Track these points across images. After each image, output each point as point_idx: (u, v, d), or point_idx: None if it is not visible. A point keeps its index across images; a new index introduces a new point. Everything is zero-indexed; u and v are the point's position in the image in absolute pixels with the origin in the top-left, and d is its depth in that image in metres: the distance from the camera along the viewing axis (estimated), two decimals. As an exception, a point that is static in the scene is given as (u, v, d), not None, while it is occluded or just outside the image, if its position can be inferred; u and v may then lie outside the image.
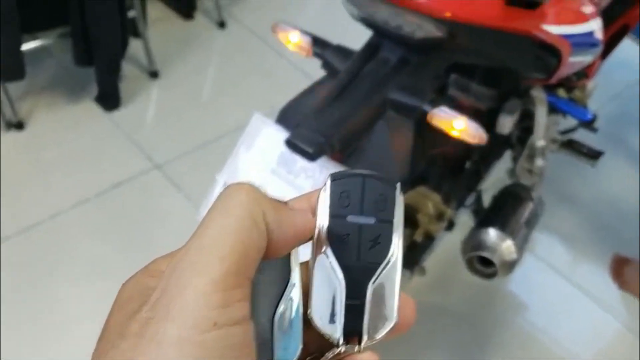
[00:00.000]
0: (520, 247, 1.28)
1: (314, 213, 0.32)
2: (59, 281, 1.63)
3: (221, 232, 0.27)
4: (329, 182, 0.32)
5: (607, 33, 1.76)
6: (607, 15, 1.70)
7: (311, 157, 0.89)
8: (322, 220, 0.32)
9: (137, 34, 2.16)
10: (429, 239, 1.39)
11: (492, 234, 1.26)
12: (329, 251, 0.31)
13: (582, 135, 1.69)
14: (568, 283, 1.77)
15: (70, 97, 2.11)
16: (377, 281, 0.31)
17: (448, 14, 0.86)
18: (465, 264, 1.32)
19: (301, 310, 0.31)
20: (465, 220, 1.62)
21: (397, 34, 0.94)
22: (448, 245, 1.53)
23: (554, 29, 1.00)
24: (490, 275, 1.28)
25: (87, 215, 1.79)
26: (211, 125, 2.07)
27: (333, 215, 0.32)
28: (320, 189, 0.32)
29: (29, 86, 2.07)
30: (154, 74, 2.19)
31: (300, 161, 0.94)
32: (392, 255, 0.31)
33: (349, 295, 0.31)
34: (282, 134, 0.94)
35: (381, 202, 0.32)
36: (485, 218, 1.35)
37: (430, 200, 1.34)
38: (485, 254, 1.25)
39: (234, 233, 0.27)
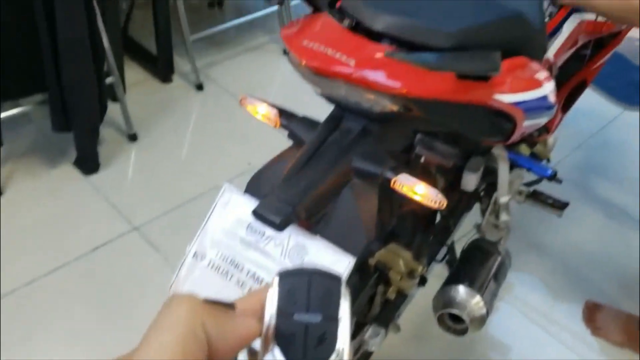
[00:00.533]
0: (489, 302, 1.31)
1: (262, 312, 0.33)
2: (35, 349, 1.62)
3: (161, 350, 0.29)
4: (276, 280, 0.33)
5: (567, 88, 1.85)
6: (565, 72, 1.80)
7: (278, 227, 0.93)
8: (270, 318, 0.33)
9: (115, 98, 2.22)
10: (402, 296, 1.42)
11: (461, 291, 1.29)
12: (276, 350, 0.32)
13: (549, 185, 1.75)
14: (542, 330, 1.80)
15: (49, 162, 2.14)
16: None
17: (402, 91, 0.92)
18: (436, 321, 1.34)
19: None
20: (439, 271, 1.65)
21: (357, 109, 1.00)
22: (422, 297, 1.56)
23: (507, 98, 1.06)
24: (462, 332, 1.31)
25: (65, 281, 1.80)
26: (189, 185, 2.11)
27: (280, 314, 0.33)
28: (268, 287, 0.35)
29: (8, 152, 2.11)
30: (132, 137, 2.24)
31: (268, 230, 0.98)
32: (337, 353, 0.32)
33: None
34: (250, 204, 0.97)
35: (327, 297, 0.33)
36: (454, 274, 1.39)
37: (401, 258, 1.37)
38: (455, 312, 1.28)
39: (173, 349, 0.29)
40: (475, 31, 1.01)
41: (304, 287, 0.34)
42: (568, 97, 1.87)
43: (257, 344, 0.35)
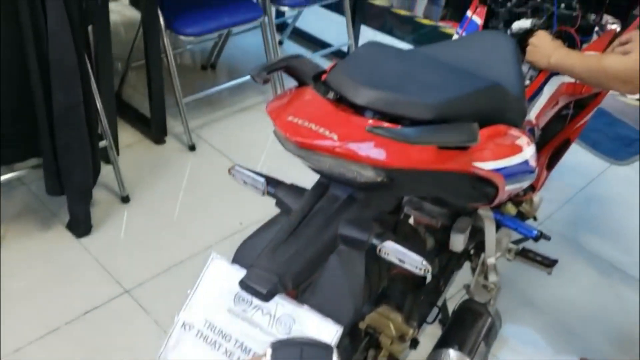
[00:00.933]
0: (480, 365, 1.31)
1: None
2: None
3: None
4: (269, 352, 0.36)
5: (551, 147, 1.89)
6: (549, 131, 1.84)
7: (265, 297, 0.94)
8: None
9: (108, 160, 2.25)
10: None
11: (451, 354, 1.29)
12: None
13: (539, 241, 1.77)
14: (537, 392, 1.79)
15: (42, 225, 2.15)
16: None
17: (385, 162, 0.95)
18: (428, 385, 1.34)
19: None
20: (431, 329, 1.65)
21: (342, 179, 1.03)
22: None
23: (487, 165, 1.09)
24: (453, 395, 1.30)
25: (55, 346, 1.78)
26: (182, 246, 2.12)
27: None
28: (260, 358, 0.36)
29: (1, 215, 2.12)
30: (125, 199, 2.26)
31: (256, 299, 0.99)
32: None
33: None
34: (237, 274, 0.99)
35: None
36: (444, 337, 1.39)
37: (391, 322, 1.38)
38: (445, 375, 1.28)
39: None
40: (454, 103, 1.05)
41: (296, 358, 0.35)
42: (553, 156, 1.91)
43: None
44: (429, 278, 1.59)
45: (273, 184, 1.14)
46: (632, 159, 2.72)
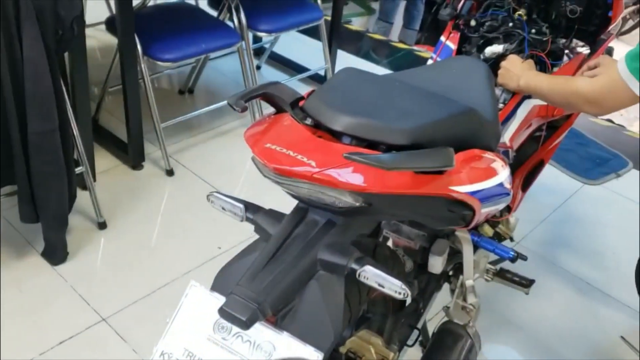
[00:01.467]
0: (461, 387, 1.32)
1: None
2: None
3: None
4: None
5: (525, 169, 1.92)
6: (523, 153, 1.88)
7: (245, 325, 0.94)
8: None
9: (85, 186, 2.23)
10: (374, 384, 1.41)
11: (432, 377, 1.30)
12: None
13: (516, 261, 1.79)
14: (517, 413, 1.79)
15: (16, 253, 2.12)
16: None
17: (362, 189, 0.96)
18: (409, 409, 1.34)
19: None
20: (412, 352, 1.65)
21: (320, 204, 1.03)
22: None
23: (463, 188, 1.11)
24: (435, 418, 1.30)
25: (30, 378, 1.75)
26: (160, 272, 2.10)
27: None
28: None
29: (-26, 244, 2.08)
30: (101, 225, 2.23)
31: (235, 327, 0.98)
32: None
33: None
34: (216, 302, 0.98)
35: None
36: (425, 359, 1.39)
37: (372, 345, 1.38)
38: (427, 398, 1.28)
39: None
40: (429, 128, 1.07)
41: None
42: (527, 177, 1.94)
43: None
44: (408, 301, 1.60)
45: (252, 210, 1.15)
46: (604, 179, 2.78)
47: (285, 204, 1.14)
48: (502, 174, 1.26)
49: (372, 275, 1.03)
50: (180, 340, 1.03)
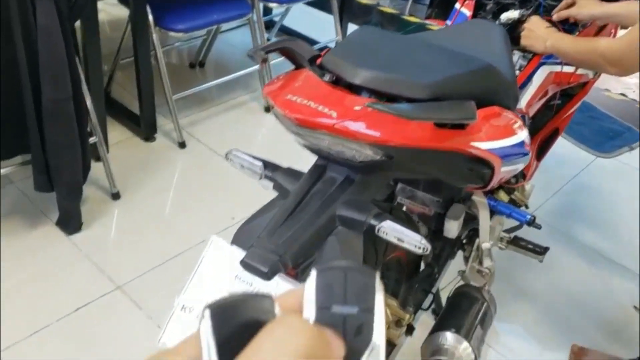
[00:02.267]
0: (477, 347, 1.32)
1: (301, 307, 0.35)
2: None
3: None
4: (314, 275, 0.35)
5: (540, 137, 1.91)
6: (538, 122, 1.86)
7: (266, 276, 0.94)
8: (309, 312, 0.34)
9: (98, 157, 2.23)
10: (390, 345, 1.42)
11: (449, 337, 1.30)
12: None
13: (529, 231, 1.79)
14: (531, 379, 1.80)
15: (31, 223, 2.13)
16: None
17: (383, 140, 0.96)
18: (425, 369, 1.34)
19: None
20: (425, 319, 1.66)
21: (340, 158, 1.03)
22: (410, 349, 1.56)
23: (483, 145, 1.10)
24: (451, 378, 1.31)
25: (46, 342, 1.76)
26: (173, 242, 2.11)
27: (319, 307, 0.34)
28: (304, 285, 0.35)
29: (-11, 214, 2.10)
30: (115, 196, 2.24)
31: (256, 280, 0.99)
32: (374, 342, 0.33)
33: None
34: (237, 255, 0.98)
35: (362, 291, 0.34)
36: (440, 322, 1.39)
37: (387, 307, 1.38)
38: (443, 358, 1.28)
39: None
40: (449, 83, 1.06)
41: (340, 281, 0.34)
42: (541, 146, 1.93)
43: None
44: (422, 266, 1.61)
45: (270, 168, 1.14)
46: (616, 152, 2.76)
47: (303, 171, 1.13)
48: (522, 134, 1.25)
49: (391, 230, 1.03)
50: (201, 293, 1.03)
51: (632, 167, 2.70)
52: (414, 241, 1.02)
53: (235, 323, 0.33)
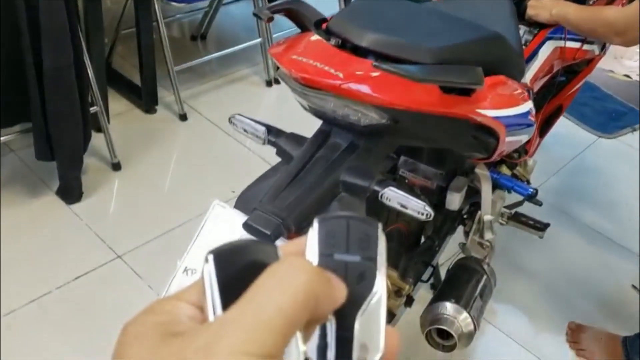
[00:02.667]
0: (477, 318, 1.32)
1: (303, 253, 0.35)
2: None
3: (278, 313, 0.30)
4: (316, 224, 0.34)
5: (543, 114, 1.90)
6: (542, 98, 1.85)
7: (269, 238, 0.94)
8: (311, 258, 0.34)
9: (99, 128, 2.22)
10: (389, 315, 1.42)
11: (448, 307, 1.30)
12: None
13: (530, 209, 1.79)
14: (527, 352, 1.81)
15: (32, 191, 2.13)
16: (364, 314, 0.33)
17: (389, 102, 0.95)
18: (425, 338, 1.35)
19: (302, 348, 0.32)
20: (424, 294, 1.66)
21: (344, 122, 1.02)
22: (409, 321, 1.56)
23: (489, 112, 1.09)
24: (450, 348, 1.31)
25: (46, 310, 1.77)
26: (173, 213, 2.11)
27: (321, 254, 0.34)
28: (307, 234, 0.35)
29: (-11, 182, 2.09)
30: (116, 166, 2.23)
31: (259, 243, 0.98)
32: (376, 290, 0.33)
33: (339, 328, 0.33)
34: (240, 218, 0.98)
35: (365, 241, 0.34)
36: (441, 292, 1.40)
37: (387, 277, 1.38)
38: (443, 327, 1.29)
39: (288, 315, 0.30)
40: (456, 49, 1.05)
41: (343, 230, 0.34)
42: (545, 123, 1.92)
43: None
44: (423, 239, 1.61)
45: (274, 133, 1.14)
46: (619, 133, 2.75)
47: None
48: (527, 104, 1.25)
49: (394, 196, 1.03)
50: (203, 256, 1.03)
51: (634, 148, 2.69)
52: (417, 207, 1.01)
53: (239, 266, 0.33)
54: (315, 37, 1.05)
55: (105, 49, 2.52)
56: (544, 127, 1.93)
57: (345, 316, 0.33)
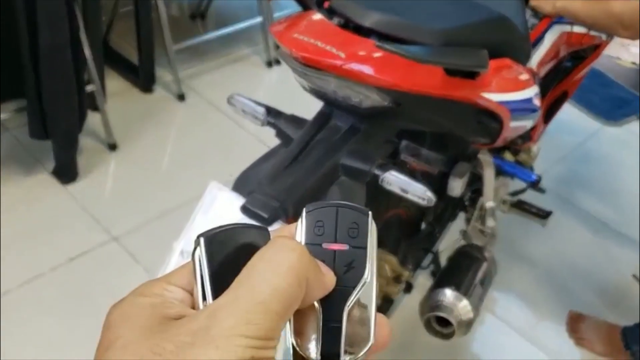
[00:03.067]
0: (476, 306, 1.30)
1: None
2: (8, 360, 1.57)
3: (273, 294, 0.30)
4: (304, 213, 0.33)
5: (548, 99, 1.87)
6: (547, 83, 1.82)
7: (266, 221, 0.91)
8: None
9: (95, 107, 2.19)
10: (388, 301, 1.40)
11: (448, 294, 1.28)
12: None
13: (533, 197, 1.76)
14: (527, 342, 1.79)
15: (27, 171, 2.10)
16: (353, 304, 0.32)
17: (391, 84, 0.92)
18: (423, 325, 1.33)
19: (290, 338, 0.33)
20: (423, 281, 1.64)
21: (346, 104, 0.99)
22: (408, 307, 1.54)
23: (494, 97, 1.06)
24: (449, 335, 1.29)
25: (40, 291, 1.74)
26: (169, 195, 2.08)
27: (308, 243, 0.33)
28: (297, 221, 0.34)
29: (-17, 161, 2.06)
30: (112, 147, 2.20)
31: (255, 226, 0.96)
32: (365, 279, 0.32)
33: (325, 318, 0.32)
34: (237, 201, 0.96)
35: (354, 229, 0.33)
36: (440, 279, 1.38)
37: (387, 263, 1.36)
38: (442, 314, 1.26)
39: (283, 296, 0.30)
40: (461, 30, 1.01)
41: (331, 218, 0.33)
42: (550, 109, 1.89)
43: None
44: (423, 225, 1.58)
45: (273, 114, 1.11)
46: (624, 120, 2.71)
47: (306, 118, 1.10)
48: (533, 89, 1.21)
49: (395, 180, 1.00)
50: (197, 239, 1.00)
51: (638, 137, 2.66)
52: (418, 192, 0.99)
53: (230, 249, 0.33)
54: (317, 15, 1.01)
55: (103, 27, 2.48)
56: (549, 113, 1.89)
57: (334, 306, 0.32)
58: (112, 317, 0.32)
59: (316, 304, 0.32)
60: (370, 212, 0.34)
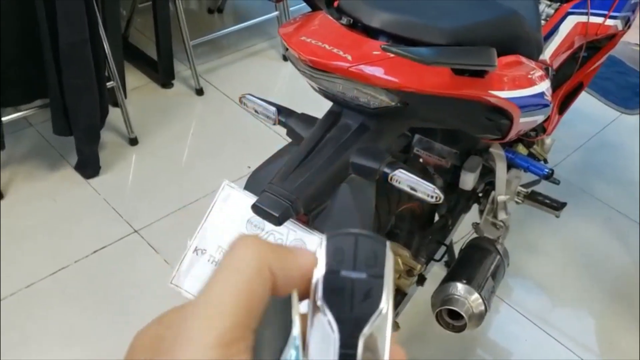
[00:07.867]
0: (488, 299, 1.32)
1: (311, 270, 0.35)
2: (33, 352, 1.62)
3: (226, 288, 0.30)
4: (324, 240, 0.35)
5: (563, 91, 1.86)
6: (562, 74, 1.81)
7: (277, 220, 0.94)
8: (318, 274, 0.34)
9: (116, 103, 2.23)
10: (401, 294, 1.43)
11: (459, 287, 1.30)
12: (324, 304, 0.33)
13: (547, 187, 1.76)
14: (541, 331, 1.81)
15: (50, 166, 2.15)
16: (368, 332, 0.33)
17: (399, 85, 0.93)
18: (435, 318, 1.35)
19: (295, 332, 0.33)
20: (437, 272, 1.66)
21: (354, 104, 1.01)
22: (422, 299, 1.57)
23: (503, 94, 1.07)
24: (460, 328, 1.31)
25: (65, 283, 1.80)
26: (190, 188, 2.12)
27: (328, 271, 0.34)
28: (316, 248, 0.35)
29: (8, 156, 2.12)
30: (133, 141, 2.25)
31: (268, 225, 0.99)
32: (382, 308, 0.33)
33: (342, 345, 0.33)
34: (249, 200, 0.99)
35: (372, 258, 0.34)
36: (452, 272, 1.40)
37: (399, 256, 1.38)
38: (453, 308, 1.29)
39: (238, 288, 0.30)
40: (471, 29, 1.03)
41: (350, 247, 0.34)
42: (565, 100, 1.88)
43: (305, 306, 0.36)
44: (436, 218, 1.60)
45: (285, 113, 1.13)
46: (642, 108, 2.69)
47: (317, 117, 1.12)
48: (543, 84, 1.22)
49: (404, 179, 1.02)
50: (213, 237, 1.04)
51: (657, 125, 2.63)
52: (426, 190, 1.01)
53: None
54: (325, 16, 1.03)
55: (123, 22, 2.52)
56: (564, 104, 1.89)
57: (350, 333, 0.33)
58: (134, 343, 0.32)
59: (333, 332, 0.33)
60: (388, 242, 0.35)
